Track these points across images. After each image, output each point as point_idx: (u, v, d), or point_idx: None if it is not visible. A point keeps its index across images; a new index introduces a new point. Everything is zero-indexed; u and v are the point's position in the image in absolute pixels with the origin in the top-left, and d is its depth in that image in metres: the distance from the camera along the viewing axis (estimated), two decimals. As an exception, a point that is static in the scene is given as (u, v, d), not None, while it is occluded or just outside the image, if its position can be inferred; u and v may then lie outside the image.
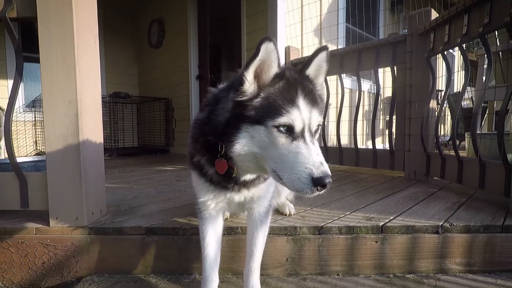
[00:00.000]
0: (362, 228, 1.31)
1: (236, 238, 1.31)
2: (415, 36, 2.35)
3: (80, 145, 1.32)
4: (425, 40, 2.29)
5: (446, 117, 5.83)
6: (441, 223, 1.31)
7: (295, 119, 0.79)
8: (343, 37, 4.48)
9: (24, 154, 4.84)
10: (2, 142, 4.20)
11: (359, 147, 2.87)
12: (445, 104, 5.45)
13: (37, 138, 5.00)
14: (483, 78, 3.78)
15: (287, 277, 1.30)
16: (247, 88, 0.82)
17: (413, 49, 2.37)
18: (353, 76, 4.35)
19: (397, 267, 1.30)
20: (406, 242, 1.29)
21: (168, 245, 1.32)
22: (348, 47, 3.00)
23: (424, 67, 2.29)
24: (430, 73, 2.25)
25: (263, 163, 0.84)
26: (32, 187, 1.41)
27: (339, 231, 1.31)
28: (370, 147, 2.83)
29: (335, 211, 1.54)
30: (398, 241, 1.29)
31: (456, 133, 4.41)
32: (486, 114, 3.93)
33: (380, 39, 3.17)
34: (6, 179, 1.41)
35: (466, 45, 1.96)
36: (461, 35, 1.86)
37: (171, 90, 5.33)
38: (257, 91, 0.82)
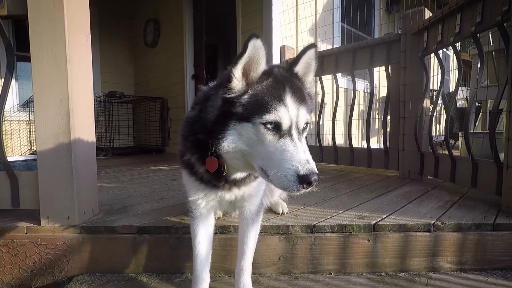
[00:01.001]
0: (354, 226, 1.31)
1: (228, 237, 1.31)
2: (409, 36, 2.36)
3: (72, 144, 1.31)
4: (418, 39, 2.30)
5: (441, 117, 5.87)
6: (433, 222, 1.32)
7: (282, 116, 0.79)
8: (338, 37, 4.49)
9: (19, 153, 4.80)
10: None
11: (354, 146, 2.88)
12: (440, 104, 5.47)
13: (32, 137, 4.96)
14: (477, 77, 3.82)
15: (280, 275, 1.30)
16: (235, 85, 0.82)
17: (407, 49, 2.38)
18: (348, 76, 4.36)
19: (389, 266, 1.30)
20: (398, 240, 1.30)
21: (160, 244, 1.31)
22: (343, 47, 3.01)
23: (418, 66, 2.30)
24: (423, 73, 2.27)
25: (251, 161, 0.84)
26: (23, 186, 1.39)
27: (332, 229, 1.31)
28: (365, 146, 2.84)
29: (328, 209, 1.54)
30: (390, 240, 1.30)
31: (451, 132, 4.42)
32: (480, 113, 3.96)
33: (374, 38, 3.18)
34: (-3, 178, 1.40)
35: (460, 44, 1.96)
36: (454, 34, 1.87)
37: (167, 90, 5.31)
38: (245, 88, 0.82)
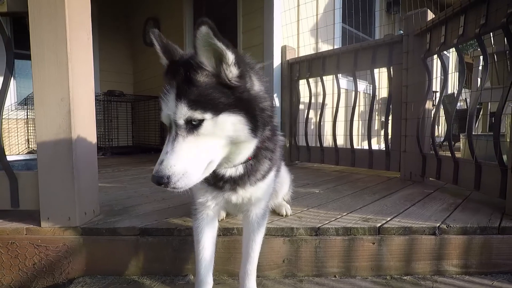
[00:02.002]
0: (359, 229, 1.30)
1: (232, 239, 1.29)
2: (412, 37, 2.35)
3: (73, 144, 1.29)
4: (421, 40, 2.29)
5: (440, 118, 5.88)
6: (438, 225, 1.31)
7: (162, 114, 0.77)
8: (339, 37, 4.49)
9: (16, 152, 4.76)
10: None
11: (354, 147, 2.87)
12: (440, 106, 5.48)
13: (30, 136, 4.92)
14: (478, 79, 3.82)
15: (284, 278, 1.28)
16: None
17: (409, 50, 2.37)
18: (348, 77, 4.36)
19: (394, 269, 1.29)
20: (403, 243, 1.29)
21: (163, 246, 1.29)
22: (344, 47, 3.00)
23: (420, 67, 2.29)
24: (426, 74, 2.26)
25: None
26: (23, 187, 1.37)
27: (336, 232, 1.29)
28: (366, 147, 2.83)
29: (332, 212, 1.52)
30: (395, 243, 1.29)
31: (451, 134, 4.43)
32: (480, 115, 3.97)
33: (376, 39, 3.17)
34: (-4, 178, 1.37)
35: (460, 46, 1.96)
36: (457, 36, 1.86)
37: (166, 89, 5.27)
38: None
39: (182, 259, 1.29)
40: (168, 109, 0.76)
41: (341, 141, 4.05)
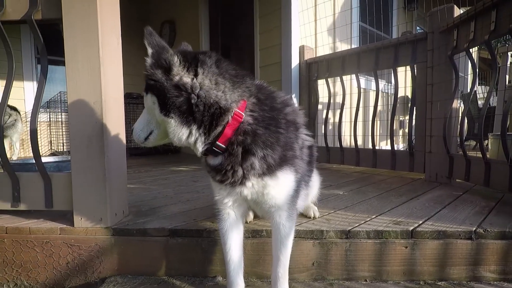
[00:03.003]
0: (391, 232, 1.27)
1: (261, 241, 1.28)
2: (437, 34, 2.29)
3: (104, 146, 1.32)
4: (447, 37, 2.22)
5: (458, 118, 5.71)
6: (474, 229, 1.26)
7: None
8: (357, 36, 4.42)
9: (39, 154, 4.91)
10: (18, 143, 4.27)
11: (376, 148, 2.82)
12: (462, 104, 5.33)
13: (52, 138, 5.07)
14: (506, 77, 3.68)
15: (313, 281, 1.27)
16: None
17: (435, 47, 2.31)
18: (366, 76, 4.28)
19: (427, 274, 1.25)
20: (437, 248, 1.25)
21: (192, 247, 1.30)
22: (365, 46, 2.95)
23: (446, 65, 2.22)
24: (453, 72, 2.19)
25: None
26: (57, 187, 1.41)
27: (367, 235, 1.27)
28: (384, 147, 2.78)
29: (360, 214, 1.50)
30: (429, 247, 1.25)
31: (472, 133, 4.27)
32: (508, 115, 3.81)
33: (399, 37, 3.09)
34: (31, 179, 1.42)
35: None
36: (488, 31, 1.80)
37: (183, 90, 5.33)
38: None
39: (211, 261, 1.30)
40: None
41: (359, 141, 3.99)
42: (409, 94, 4.92)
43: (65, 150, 4.77)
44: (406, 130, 3.22)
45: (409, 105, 2.67)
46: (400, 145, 5.26)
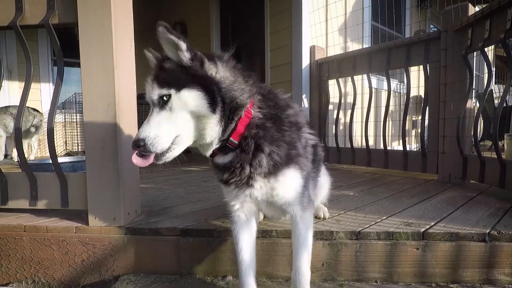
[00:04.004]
0: (402, 234, 1.25)
1: (271, 241, 1.29)
2: (451, 33, 2.24)
3: (118, 147, 1.35)
4: (461, 36, 2.18)
5: (472, 118, 5.57)
6: (488, 231, 1.24)
7: (146, 96, 0.92)
8: (368, 36, 4.37)
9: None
10: (36, 143, 4.40)
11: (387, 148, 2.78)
12: (477, 104, 5.21)
13: (67, 138, 5.21)
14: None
15: (323, 282, 1.27)
16: None
17: (448, 46, 2.27)
18: (377, 75, 4.23)
19: (439, 276, 1.24)
20: (449, 250, 1.23)
21: (203, 246, 1.32)
22: (376, 46, 2.92)
23: (460, 65, 2.18)
24: (467, 71, 2.14)
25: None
26: (72, 187, 1.45)
27: (378, 236, 1.26)
28: (395, 148, 2.74)
29: (370, 215, 1.49)
30: (441, 249, 1.23)
31: (487, 133, 4.16)
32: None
33: (411, 36, 3.05)
34: (48, 179, 1.47)
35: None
36: (504, 30, 1.75)
37: (194, 91, 5.38)
38: None
39: (222, 260, 1.31)
40: (148, 91, 0.92)
41: (371, 141, 3.95)
42: (422, 93, 4.84)
43: (79, 150, 4.89)
44: (419, 130, 3.19)
45: (422, 105, 2.62)
46: (413, 146, 5.18)
